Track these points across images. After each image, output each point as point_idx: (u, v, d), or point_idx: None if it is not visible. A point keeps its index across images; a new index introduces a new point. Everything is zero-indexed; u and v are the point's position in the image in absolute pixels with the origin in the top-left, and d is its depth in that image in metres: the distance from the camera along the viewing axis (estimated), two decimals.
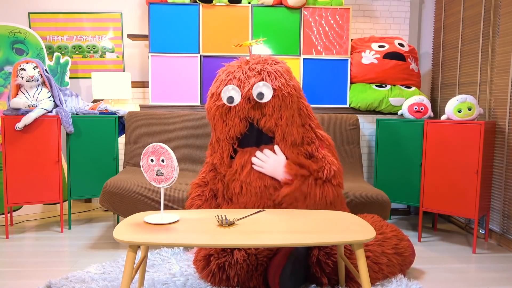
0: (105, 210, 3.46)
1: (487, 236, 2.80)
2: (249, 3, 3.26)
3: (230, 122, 2.00)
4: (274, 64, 2.05)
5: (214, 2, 3.22)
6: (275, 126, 1.99)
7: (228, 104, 1.96)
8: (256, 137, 2.03)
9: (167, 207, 2.48)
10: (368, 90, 3.25)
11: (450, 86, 3.28)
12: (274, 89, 1.96)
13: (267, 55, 2.16)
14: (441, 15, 3.43)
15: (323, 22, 3.27)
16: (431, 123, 2.70)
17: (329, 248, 1.95)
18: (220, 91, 1.99)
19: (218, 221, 1.67)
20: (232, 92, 1.95)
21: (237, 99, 1.95)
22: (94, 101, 3.52)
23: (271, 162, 1.98)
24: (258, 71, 1.99)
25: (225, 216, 1.71)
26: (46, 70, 2.88)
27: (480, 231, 2.89)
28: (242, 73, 2.00)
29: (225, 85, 1.99)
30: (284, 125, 1.99)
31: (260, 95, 1.92)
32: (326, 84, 3.32)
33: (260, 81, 1.96)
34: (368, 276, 1.55)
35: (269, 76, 1.97)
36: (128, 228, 1.60)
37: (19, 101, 2.71)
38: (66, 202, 3.39)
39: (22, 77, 2.75)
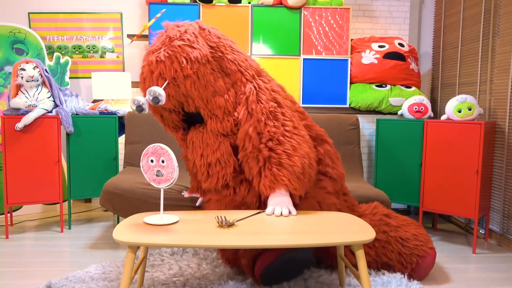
0: (105, 210, 3.46)
1: (487, 236, 2.80)
2: (249, 3, 3.26)
3: (164, 114, 2.02)
4: (169, 43, 1.90)
5: (214, 2, 3.22)
6: (196, 107, 1.94)
7: (141, 113, 1.98)
8: (198, 115, 2.00)
9: (167, 208, 2.48)
10: (368, 90, 3.25)
11: (450, 86, 3.28)
12: (173, 78, 1.87)
13: (168, 25, 2.01)
14: (441, 15, 3.43)
15: (323, 22, 3.27)
16: (431, 123, 2.70)
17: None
18: (142, 90, 2.00)
19: (218, 222, 1.67)
20: (136, 103, 1.86)
21: (146, 106, 1.86)
22: (94, 101, 3.52)
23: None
24: (154, 63, 1.88)
25: (224, 217, 1.71)
26: (46, 70, 2.88)
27: (480, 231, 2.89)
28: (148, 65, 1.92)
29: (142, 84, 1.98)
30: (204, 105, 1.92)
31: (155, 99, 1.84)
32: (326, 84, 3.32)
33: (162, 77, 1.89)
34: (368, 277, 1.56)
35: (164, 65, 1.87)
36: (127, 229, 1.60)
37: (19, 101, 2.71)
38: (66, 202, 3.39)
39: (22, 77, 2.75)
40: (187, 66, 1.86)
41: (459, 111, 2.61)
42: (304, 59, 3.30)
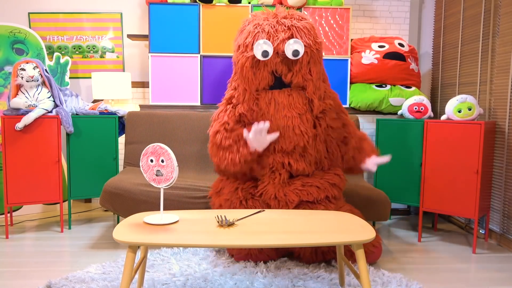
0: (105, 210, 3.46)
1: (487, 236, 2.80)
2: (249, 3, 3.26)
3: (259, 74, 2.06)
4: (301, 20, 2.08)
5: (214, 2, 3.22)
6: (304, 81, 2.06)
7: (263, 59, 2.01)
8: (278, 87, 2.12)
9: (167, 207, 2.48)
10: (368, 90, 3.25)
11: (450, 86, 3.28)
12: (304, 45, 2.00)
13: (291, 9, 2.19)
14: (441, 15, 3.43)
15: (323, 22, 3.27)
16: (431, 123, 2.70)
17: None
18: (249, 43, 2.04)
19: (218, 222, 1.67)
20: (265, 46, 1.99)
21: (271, 52, 2.00)
22: (94, 101, 3.52)
23: None
24: (288, 26, 2.03)
25: (224, 216, 1.71)
26: (46, 70, 2.88)
27: (480, 231, 2.89)
28: (271, 26, 2.03)
29: (254, 37, 2.03)
30: (315, 79, 2.06)
31: (296, 52, 1.98)
32: None
33: (290, 37, 2.01)
34: (368, 277, 1.55)
35: (298, 32, 2.02)
36: (127, 229, 1.60)
37: (19, 101, 2.71)
38: (66, 202, 3.39)
39: (22, 77, 2.75)
40: (319, 42, 2.07)
41: (459, 111, 2.61)
42: None
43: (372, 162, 2.24)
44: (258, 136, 1.99)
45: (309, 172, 2.17)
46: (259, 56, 2.00)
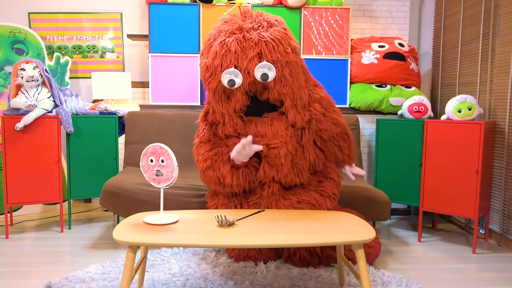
0: (105, 210, 3.46)
1: (487, 236, 2.80)
2: (249, 3, 3.26)
3: (233, 97, 1.96)
4: (269, 27, 1.92)
5: (214, 2, 3.22)
6: (281, 95, 1.95)
7: (230, 88, 1.90)
8: (259, 106, 2.02)
9: (167, 207, 2.48)
10: (368, 90, 3.25)
11: (450, 86, 3.28)
12: (273, 61, 1.87)
13: (258, 11, 2.02)
14: (441, 15, 3.43)
15: (323, 22, 3.27)
16: (431, 123, 2.70)
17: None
18: (217, 65, 1.90)
19: (218, 222, 1.67)
20: (232, 76, 1.87)
21: (239, 82, 1.88)
22: (94, 101, 3.52)
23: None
24: (255, 42, 1.87)
25: (224, 216, 1.71)
26: (46, 70, 2.88)
27: (480, 231, 2.89)
28: (237, 43, 1.88)
29: (221, 58, 1.89)
30: (291, 93, 1.95)
31: (264, 76, 1.85)
32: (326, 84, 3.32)
33: (259, 54, 1.88)
34: (368, 277, 1.55)
35: (266, 46, 1.87)
36: (127, 229, 1.60)
37: (19, 101, 2.71)
38: (66, 202, 3.39)
39: (22, 77, 2.75)
40: (290, 53, 1.91)
41: (459, 111, 2.61)
42: (304, 59, 3.30)
43: (352, 171, 2.28)
44: (243, 151, 1.92)
45: (302, 181, 2.09)
46: (226, 85, 1.89)
